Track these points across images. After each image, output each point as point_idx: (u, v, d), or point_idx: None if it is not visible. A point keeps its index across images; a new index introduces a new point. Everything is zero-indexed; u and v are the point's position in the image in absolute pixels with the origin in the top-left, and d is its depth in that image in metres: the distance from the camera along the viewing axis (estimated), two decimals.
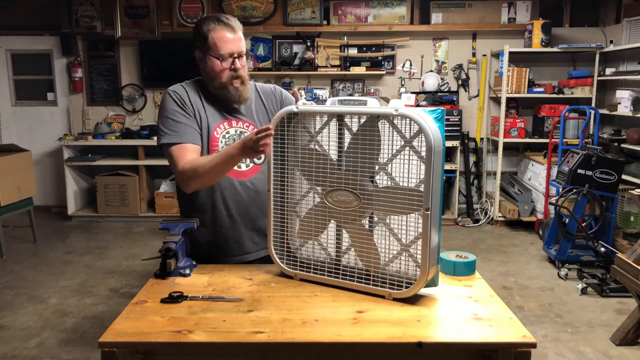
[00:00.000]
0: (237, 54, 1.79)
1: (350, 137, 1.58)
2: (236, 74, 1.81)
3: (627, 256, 3.00)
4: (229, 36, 1.77)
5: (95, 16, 5.81)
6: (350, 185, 1.57)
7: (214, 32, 1.77)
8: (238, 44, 1.79)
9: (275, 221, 1.70)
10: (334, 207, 1.60)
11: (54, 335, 3.16)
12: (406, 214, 1.60)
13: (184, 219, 1.88)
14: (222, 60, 1.79)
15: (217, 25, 1.78)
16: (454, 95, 5.71)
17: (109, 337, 1.35)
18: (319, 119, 1.63)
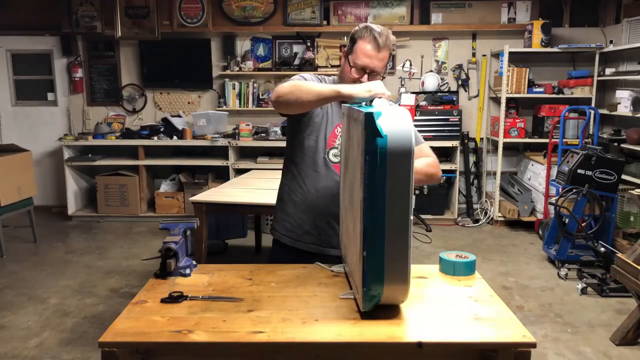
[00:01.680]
0: (370, 71, 1.82)
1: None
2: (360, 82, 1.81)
3: (627, 256, 3.00)
4: (371, 52, 1.80)
5: (95, 16, 5.81)
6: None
7: (362, 41, 1.81)
8: (375, 62, 1.81)
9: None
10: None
11: (54, 335, 3.16)
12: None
13: (184, 219, 1.88)
14: (355, 68, 1.83)
15: (368, 35, 1.81)
16: (453, 95, 5.71)
17: (109, 337, 1.35)
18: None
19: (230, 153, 5.57)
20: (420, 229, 5.35)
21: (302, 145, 1.94)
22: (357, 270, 1.43)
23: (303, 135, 1.94)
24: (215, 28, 5.80)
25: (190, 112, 5.95)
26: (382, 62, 1.83)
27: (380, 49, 1.80)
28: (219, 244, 4.69)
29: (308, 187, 1.94)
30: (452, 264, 1.79)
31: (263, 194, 3.52)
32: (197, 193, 3.81)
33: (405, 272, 1.39)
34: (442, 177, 5.67)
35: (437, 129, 5.49)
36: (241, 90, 5.86)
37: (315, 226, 1.94)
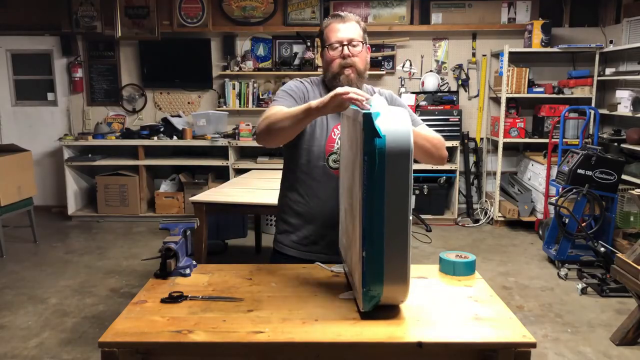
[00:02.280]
0: (347, 41, 1.79)
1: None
2: (346, 62, 1.80)
3: (627, 256, 3.00)
4: (338, 26, 1.81)
5: (95, 16, 5.81)
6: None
7: (328, 26, 1.84)
8: (347, 32, 1.80)
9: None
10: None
11: (54, 335, 3.16)
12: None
13: (184, 219, 1.88)
14: (331, 49, 1.82)
15: (330, 19, 1.84)
16: (453, 95, 5.71)
17: (109, 337, 1.35)
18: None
19: (230, 153, 5.57)
20: (420, 229, 5.35)
21: (300, 155, 1.88)
22: (357, 271, 1.43)
23: (299, 145, 1.88)
24: (215, 28, 5.80)
25: (190, 112, 5.95)
26: (353, 31, 1.81)
27: (345, 21, 1.82)
28: (219, 244, 4.69)
29: (310, 197, 1.88)
30: (452, 264, 1.79)
31: (263, 194, 3.52)
32: (197, 193, 3.80)
33: (405, 272, 1.39)
34: (442, 178, 5.67)
35: (437, 129, 5.43)
36: (241, 90, 5.86)
37: (321, 235, 1.89)
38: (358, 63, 1.82)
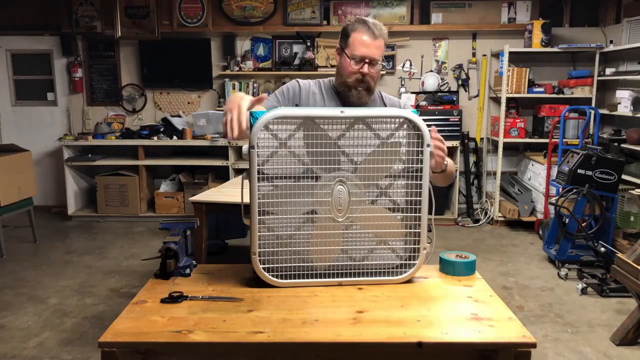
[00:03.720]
0: (370, 60, 1.82)
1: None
2: (363, 79, 1.84)
3: (627, 256, 3.00)
4: (368, 41, 1.81)
5: (95, 16, 5.81)
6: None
7: (357, 33, 1.82)
8: (373, 50, 1.81)
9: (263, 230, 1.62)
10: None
11: (54, 335, 3.16)
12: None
13: (184, 219, 1.88)
14: (354, 61, 1.83)
15: (361, 27, 1.82)
16: (454, 95, 5.71)
17: (109, 337, 1.35)
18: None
19: (230, 153, 5.57)
20: None
21: None
22: None
23: None
24: (215, 28, 5.80)
25: (190, 112, 5.95)
26: (379, 50, 1.84)
27: (376, 38, 1.82)
28: (219, 244, 4.69)
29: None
30: (452, 264, 1.79)
31: None
32: (197, 193, 3.80)
33: None
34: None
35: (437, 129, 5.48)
36: (241, 90, 5.86)
37: None
38: (371, 81, 1.87)
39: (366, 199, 1.62)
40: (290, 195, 1.58)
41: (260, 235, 1.59)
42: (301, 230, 1.61)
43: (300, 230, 1.61)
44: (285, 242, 1.61)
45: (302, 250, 1.62)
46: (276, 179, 1.58)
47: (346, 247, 1.64)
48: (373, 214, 1.62)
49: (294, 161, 1.57)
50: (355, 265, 1.66)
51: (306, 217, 1.61)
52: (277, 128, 1.55)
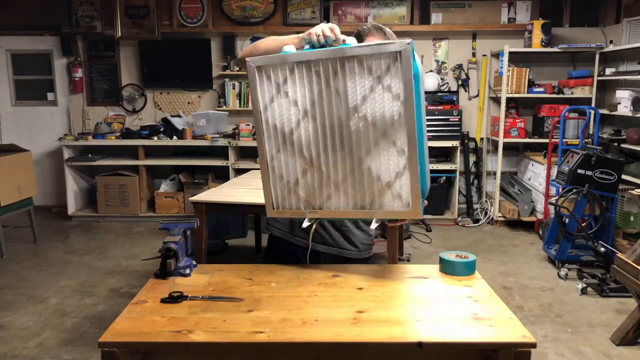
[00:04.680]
0: None
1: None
2: None
3: (627, 256, 3.00)
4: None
5: (95, 16, 5.81)
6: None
7: (371, 36, 1.84)
8: None
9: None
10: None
11: (54, 335, 3.16)
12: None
13: (184, 219, 1.88)
14: None
15: (377, 32, 1.84)
16: (454, 95, 5.71)
17: (109, 337, 1.35)
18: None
19: (230, 153, 5.57)
20: (420, 229, 5.35)
21: None
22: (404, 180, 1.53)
23: None
24: (215, 28, 5.80)
25: (190, 112, 5.96)
26: None
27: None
28: (219, 244, 4.69)
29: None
30: (452, 264, 1.78)
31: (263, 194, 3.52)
32: (197, 193, 3.80)
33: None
34: (442, 178, 5.68)
35: (437, 129, 5.50)
36: (241, 90, 5.86)
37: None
38: None
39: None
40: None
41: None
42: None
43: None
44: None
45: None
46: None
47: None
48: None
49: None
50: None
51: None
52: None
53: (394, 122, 1.50)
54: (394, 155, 1.53)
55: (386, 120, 1.50)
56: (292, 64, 1.56)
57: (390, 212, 1.59)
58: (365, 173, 1.58)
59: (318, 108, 1.57)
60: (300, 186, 1.67)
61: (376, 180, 1.57)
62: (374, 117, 1.52)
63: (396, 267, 1.92)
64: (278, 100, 1.60)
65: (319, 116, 1.58)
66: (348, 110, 1.54)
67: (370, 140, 1.54)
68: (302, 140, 1.61)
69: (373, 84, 1.50)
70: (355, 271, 1.81)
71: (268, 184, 1.69)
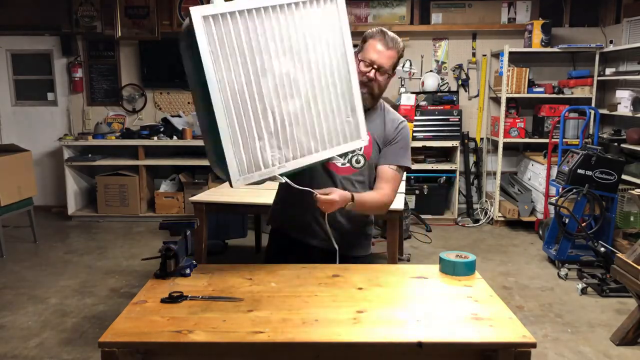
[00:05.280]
0: (378, 67, 1.91)
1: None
2: (368, 83, 1.92)
3: (627, 256, 3.00)
4: (380, 48, 1.91)
5: (95, 16, 5.81)
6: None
7: (373, 40, 1.93)
8: (383, 58, 1.91)
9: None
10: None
11: (54, 335, 3.16)
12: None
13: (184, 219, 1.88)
14: (363, 63, 1.92)
15: (379, 36, 1.92)
16: (454, 95, 5.71)
17: (109, 337, 1.35)
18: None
19: None
20: (420, 229, 5.35)
21: None
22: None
23: None
24: None
25: (190, 112, 5.95)
26: (389, 60, 1.92)
27: (389, 48, 1.90)
28: (219, 244, 4.69)
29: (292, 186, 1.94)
30: (452, 264, 1.79)
31: (263, 193, 3.52)
32: (197, 193, 3.80)
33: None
34: (442, 178, 5.67)
35: (437, 129, 5.50)
36: None
37: (302, 220, 2.00)
38: (374, 87, 1.95)
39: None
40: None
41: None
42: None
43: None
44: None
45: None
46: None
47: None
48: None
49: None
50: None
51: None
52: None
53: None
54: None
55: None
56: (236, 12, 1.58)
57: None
58: (323, 110, 1.74)
59: (266, 58, 1.63)
60: (265, 142, 1.66)
61: (334, 115, 1.78)
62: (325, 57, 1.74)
63: (396, 267, 1.92)
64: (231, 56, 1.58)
65: (268, 66, 1.64)
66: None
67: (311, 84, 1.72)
68: (262, 93, 1.64)
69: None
70: (355, 271, 1.81)
71: (230, 150, 1.59)
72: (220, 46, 1.54)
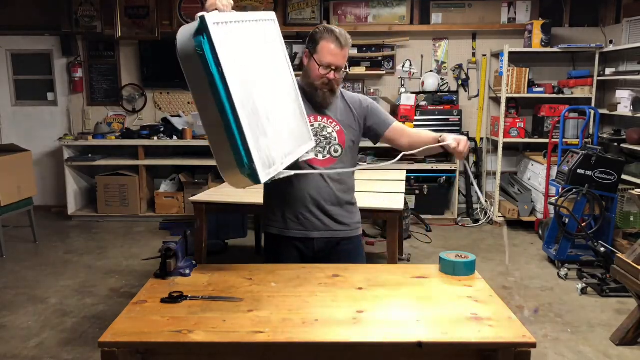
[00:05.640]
0: (336, 67, 1.98)
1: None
2: (328, 83, 2.00)
3: (627, 256, 3.00)
4: (336, 50, 1.96)
5: (95, 16, 5.81)
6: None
7: (325, 41, 1.96)
8: (340, 59, 1.97)
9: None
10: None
11: (54, 335, 3.16)
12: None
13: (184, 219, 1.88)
14: (322, 67, 1.97)
15: (330, 36, 1.96)
16: (454, 95, 5.71)
17: (109, 337, 1.35)
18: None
19: None
20: (420, 229, 5.35)
21: None
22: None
23: None
24: None
25: (190, 112, 5.95)
26: (344, 59, 2.00)
27: (343, 47, 1.96)
28: (219, 244, 4.69)
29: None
30: (452, 264, 1.79)
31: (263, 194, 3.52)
32: (197, 193, 3.80)
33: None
34: (442, 178, 5.68)
35: (437, 129, 5.47)
36: None
37: (295, 213, 2.06)
38: (335, 84, 2.02)
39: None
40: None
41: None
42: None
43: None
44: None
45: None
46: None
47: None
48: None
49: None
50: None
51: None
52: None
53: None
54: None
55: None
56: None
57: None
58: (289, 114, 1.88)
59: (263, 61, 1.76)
60: (269, 140, 1.70)
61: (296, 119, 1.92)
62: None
63: (396, 267, 1.92)
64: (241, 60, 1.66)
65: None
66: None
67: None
68: (261, 94, 1.70)
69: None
70: (355, 271, 1.82)
71: (255, 147, 1.60)
72: (230, 50, 1.58)
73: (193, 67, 1.57)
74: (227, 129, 1.56)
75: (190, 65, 1.57)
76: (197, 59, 1.53)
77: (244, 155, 1.56)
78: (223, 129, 1.56)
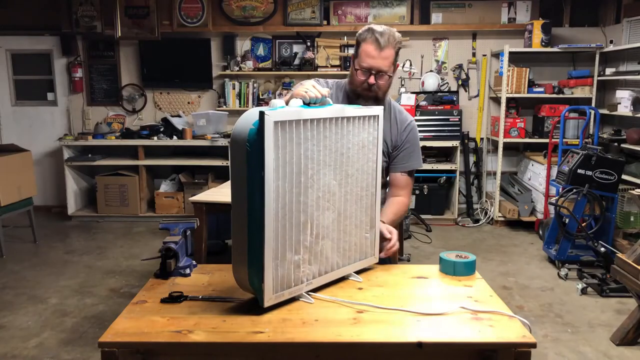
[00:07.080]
0: (376, 71, 1.86)
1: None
2: (370, 88, 1.89)
3: (627, 256, 3.00)
4: (374, 52, 1.84)
5: (95, 16, 5.81)
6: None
7: (365, 43, 1.85)
8: (379, 62, 1.85)
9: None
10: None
11: (54, 335, 3.16)
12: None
13: (184, 219, 1.88)
14: (361, 71, 1.87)
15: (369, 37, 1.85)
16: (454, 95, 5.71)
17: (109, 337, 1.35)
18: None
19: None
20: (420, 229, 5.35)
21: None
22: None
23: None
24: (215, 28, 5.80)
25: (190, 112, 5.95)
26: (386, 61, 1.86)
27: (383, 49, 1.83)
28: (219, 244, 4.69)
29: None
30: (452, 264, 1.79)
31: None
32: (197, 193, 3.81)
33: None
34: (442, 178, 5.68)
35: (437, 129, 5.50)
36: (241, 90, 5.87)
37: None
38: (379, 91, 1.91)
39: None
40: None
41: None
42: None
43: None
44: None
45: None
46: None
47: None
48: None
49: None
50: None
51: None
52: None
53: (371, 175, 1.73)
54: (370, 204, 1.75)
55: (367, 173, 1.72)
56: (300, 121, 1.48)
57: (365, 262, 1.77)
58: (349, 224, 1.69)
59: (315, 168, 1.55)
60: (300, 257, 1.54)
61: (357, 230, 1.73)
62: (359, 171, 1.70)
63: (396, 267, 1.92)
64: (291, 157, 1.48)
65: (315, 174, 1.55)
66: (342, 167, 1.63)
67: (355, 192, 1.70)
68: (307, 204, 1.53)
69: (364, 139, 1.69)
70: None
71: (270, 267, 1.45)
72: (281, 154, 1.44)
73: (239, 156, 1.45)
74: (250, 235, 1.45)
75: (236, 153, 1.46)
76: (244, 152, 1.41)
77: (255, 271, 1.44)
78: (246, 229, 1.45)
